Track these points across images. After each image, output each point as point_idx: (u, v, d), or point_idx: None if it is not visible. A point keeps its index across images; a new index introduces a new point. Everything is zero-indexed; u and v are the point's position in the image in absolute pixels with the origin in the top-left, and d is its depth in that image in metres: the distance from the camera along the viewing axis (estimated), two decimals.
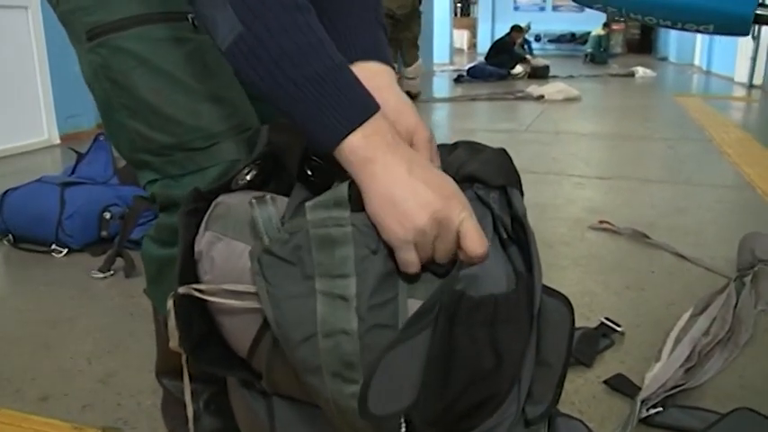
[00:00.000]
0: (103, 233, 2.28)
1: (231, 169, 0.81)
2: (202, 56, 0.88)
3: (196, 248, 0.75)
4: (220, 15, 0.65)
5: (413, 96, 6.44)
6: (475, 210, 0.67)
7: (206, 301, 0.73)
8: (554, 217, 2.63)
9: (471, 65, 9.93)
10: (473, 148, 0.81)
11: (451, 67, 11.15)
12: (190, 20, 0.87)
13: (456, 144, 0.84)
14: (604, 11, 0.97)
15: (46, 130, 4.40)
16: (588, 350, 1.54)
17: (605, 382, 1.39)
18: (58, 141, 4.41)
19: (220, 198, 0.77)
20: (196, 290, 0.72)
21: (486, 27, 18.88)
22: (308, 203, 0.66)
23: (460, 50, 18.30)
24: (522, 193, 0.76)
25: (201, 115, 0.88)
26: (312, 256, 0.64)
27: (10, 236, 2.33)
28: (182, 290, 0.72)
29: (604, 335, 1.60)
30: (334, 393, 0.65)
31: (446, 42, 13.33)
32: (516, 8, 18.06)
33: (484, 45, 18.78)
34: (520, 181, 0.76)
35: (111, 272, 2.05)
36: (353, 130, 0.64)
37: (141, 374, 1.43)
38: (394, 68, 0.89)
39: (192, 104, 0.87)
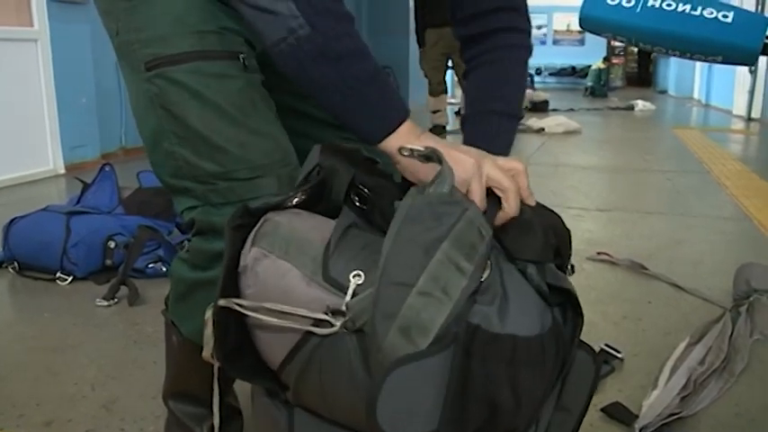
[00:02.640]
0: (108, 262, 2.31)
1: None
2: (250, 92, 0.94)
3: (241, 263, 0.78)
4: (283, 18, 0.77)
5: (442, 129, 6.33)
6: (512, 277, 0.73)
7: (245, 314, 0.76)
8: None
9: None
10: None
11: (453, 100, 11.31)
12: (240, 59, 0.94)
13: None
14: (614, 39, 1.00)
15: (51, 160, 4.45)
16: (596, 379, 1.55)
17: (603, 409, 1.41)
18: (63, 171, 4.46)
19: (269, 215, 0.80)
20: (237, 304, 0.75)
21: None
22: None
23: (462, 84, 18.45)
24: (563, 265, 0.79)
25: (248, 147, 0.93)
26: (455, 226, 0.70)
27: (15, 263, 2.36)
28: (223, 302, 0.75)
29: (605, 361, 1.62)
30: (388, 348, 0.66)
31: (447, 77, 13.46)
32: None
33: None
34: (560, 252, 0.79)
35: (116, 300, 2.08)
36: (404, 120, 0.79)
37: (144, 401, 1.45)
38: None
39: (240, 136, 0.93)
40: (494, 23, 1.05)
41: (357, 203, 0.82)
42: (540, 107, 9.38)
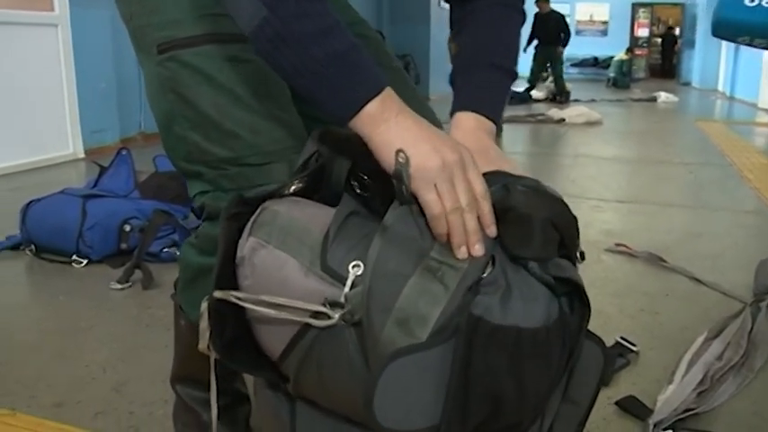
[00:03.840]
0: (123, 245, 2.32)
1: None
2: (264, 77, 0.92)
3: (238, 253, 0.77)
4: (245, 1, 0.72)
5: None
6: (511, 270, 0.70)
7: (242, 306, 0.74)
8: None
9: None
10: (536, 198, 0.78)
11: None
12: None
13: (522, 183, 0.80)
14: (750, 45, 0.95)
15: (71, 144, 4.48)
16: (604, 369, 1.53)
17: (617, 403, 1.38)
18: (83, 155, 4.49)
19: (267, 203, 0.78)
20: (234, 296, 0.74)
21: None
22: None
23: None
24: (571, 254, 0.75)
25: (260, 133, 0.92)
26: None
27: (32, 246, 2.37)
28: (218, 294, 0.74)
29: (620, 354, 1.59)
30: (386, 340, 0.65)
31: None
32: None
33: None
34: (564, 242, 0.73)
35: (129, 284, 2.08)
36: (371, 99, 0.72)
37: (154, 384, 1.45)
38: (494, 121, 0.94)
39: (252, 122, 0.91)
40: None
41: (358, 190, 0.79)
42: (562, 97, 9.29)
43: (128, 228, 2.32)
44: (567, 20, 9.77)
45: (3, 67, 3.99)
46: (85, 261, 2.27)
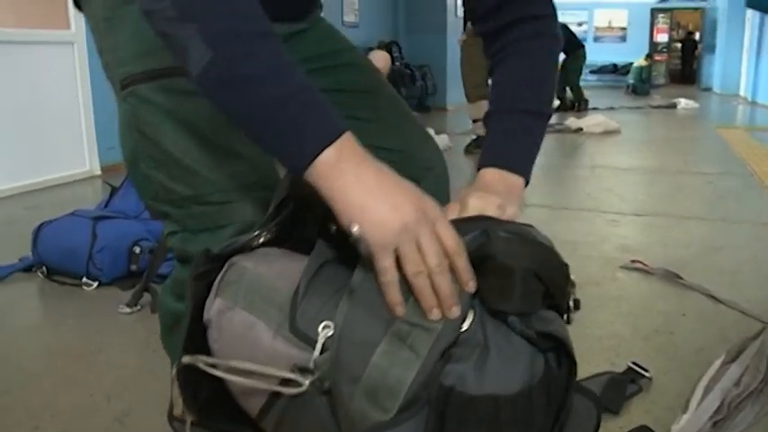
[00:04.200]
0: (133, 267, 2.31)
1: (247, 230, 0.81)
2: None
3: (205, 315, 0.74)
4: (190, 43, 0.67)
5: None
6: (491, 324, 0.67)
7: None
8: (585, 255, 2.58)
9: None
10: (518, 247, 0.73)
11: None
12: None
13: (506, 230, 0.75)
14: None
15: (87, 162, 4.51)
16: (616, 397, 1.49)
17: None
18: (99, 173, 4.52)
19: (235, 259, 0.75)
20: (203, 361, 0.71)
21: None
22: None
23: None
24: (558, 305, 0.71)
25: (219, 169, 0.88)
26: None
27: (44, 268, 2.38)
28: (186, 359, 0.71)
29: (632, 380, 1.55)
30: (356, 413, 0.62)
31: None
32: None
33: None
34: (550, 293, 0.70)
35: (138, 307, 2.07)
36: (325, 147, 0.66)
37: (158, 414, 1.42)
38: (521, 174, 0.91)
39: (211, 158, 0.88)
40: (516, 13, 0.96)
41: (334, 232, 0.74)
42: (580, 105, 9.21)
43: (137, 249, 2.32)
44: (585, 27, 9.71)
45: (20, 85, 4.03)
46: (96, 283, 2.27)
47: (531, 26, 0.96)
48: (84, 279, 2.27)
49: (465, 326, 0.66)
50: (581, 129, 6.62)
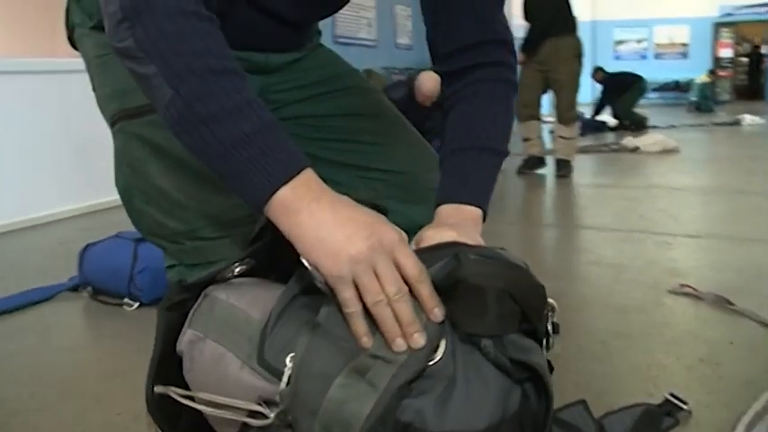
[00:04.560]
0: None
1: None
2: None
3: (178, 346, 0.74)
4: (155, 81, 0.68)
5: (563, 164, 5.03)
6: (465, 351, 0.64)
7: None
8: (631, 279, 2.50)
9: None
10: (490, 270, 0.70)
11: (550, 118, 11.10)
12: None
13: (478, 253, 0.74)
14: None
15: None
16: (648, 430, 1.42)
17: None
18: None
19: (209, 289, 0.75)
20: (174, 392, 0.72)
21: (585, 77, 18.56)
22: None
23: None
24: (536, 329, 0.69)
25: (210, 203, 0.89)
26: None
27: (90, 288, 2.44)
28: (159, 389, 0.72)
29: (669, 413, 1.47)
30: None
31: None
32: (617, 57, 17.68)
33: (584, 95, 18.46)
34: (527, 317, 0.67)
35: None
36: (281, 186, 0.67)
37: None
38: (478, 207, 0.91)
39: (201, 192, 0.89)
40: (477, 58, 0.98)
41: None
42: (638, 124, 9.01)
43: None
44: (645, 44, 9.55)
45: (72, 111, 4.17)
46: (136, 304, 2.31)
47: (491, 71, 0.98)
48: (126, 299, 2.32)
49: (437, 356, 0.64)
50: (638, 148, 6.45)
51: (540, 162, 5.21)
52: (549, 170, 5.24)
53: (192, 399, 0.72)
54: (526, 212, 4.18)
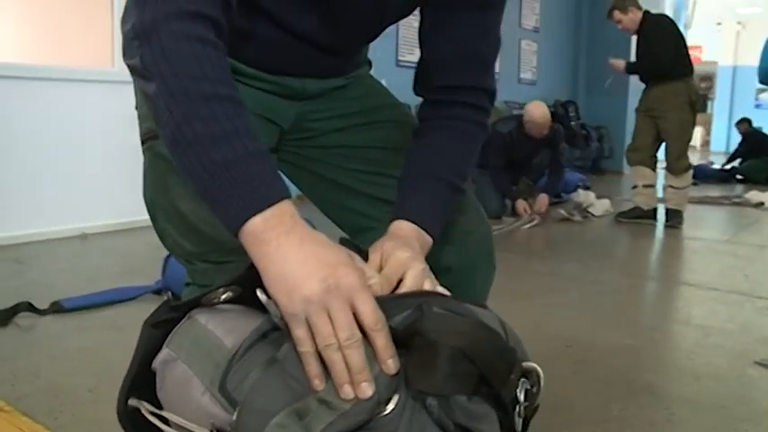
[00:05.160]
0: None
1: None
2: None
3: (153, 363, 0.75)
4: (156, 101, 0.72)
5: (673, 214, 4.76)
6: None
7: None
8: (717, 344, 2.31)
9: (697, 164, 9.26)
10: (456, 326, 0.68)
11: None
12: None
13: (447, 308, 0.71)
14: None
15: None
16: None
17: None
18: None
19: (194, 312, 0.76)
20: (144, 407, 0.73)
21: (721, 124, 17.61)
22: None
23: (692, 147, 17.20)
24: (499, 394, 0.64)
25: (219, 228, 0.90)
26: None
27: (170, 293, 2.56)
28: (132, 402, 0.74)
29: None
30: None
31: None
32: (758, 105, 16.62)
33: (718, 143, 17.48)
34: (487, 380, 0.64)
35: None
36: (254, 215, 0.68)
37: None
38: (428, 232, 0.91)
39: (212, 217, 0.91)
40: (461, 97, 0.99)
41: None
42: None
43: None
44: None
45: None
46: None
47: (470, 112, 1.00)
48: None
49: (388, 409, 0.62)
50: (762, 203, 6.00)
51: (644, 214, 4.88)
52: (660, 219, 4.98)
53: (160, 418, 0.73)
54: (625, 262, 3.98)
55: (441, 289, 0.80)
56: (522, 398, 0.66)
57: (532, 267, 3.58)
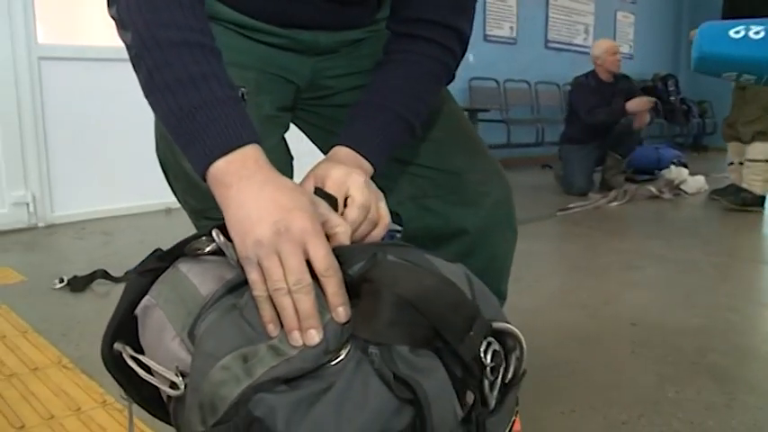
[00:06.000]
0: None
1: None
2: None
3: (136, 310, 0.77)
4: (133, 50, 0.75)
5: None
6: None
7: None
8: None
9: None
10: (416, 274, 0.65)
11: None
12: (240, 94, 0.94)
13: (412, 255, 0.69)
14: (736, 80, 0.81)
15: None
16: None
17: None
18: None
19: (178, 261, 0.77)
20: (127, 352, 0.75)
21: None
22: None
23: None
24: (458, 350, 0.61)
25: None
26: None
27: None
28: (117, 346, 0.76)
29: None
30: (188, 421, 0.62)
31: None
32: None
33: None
34: (441, 334, 0.61)
35: None
36: (218, 158, 0.69)
37: None
38: (369, 160, 0.88)
39: None
40: (428, 33, 0.95)
41: None
42: None
43: None
44: None
45: None
46: None
47: (435, 49, 0.95)
48: None
49: (339, 358, 0.60)
50: None
51: (737, 192, 4.41)
52: None
53: (138, 362, 0.75)
54: (712, 240, 3.75)
55: (383, 207, 0.80)
56: (487, 360, 0.62)
57: (612, 244, 3.44)
